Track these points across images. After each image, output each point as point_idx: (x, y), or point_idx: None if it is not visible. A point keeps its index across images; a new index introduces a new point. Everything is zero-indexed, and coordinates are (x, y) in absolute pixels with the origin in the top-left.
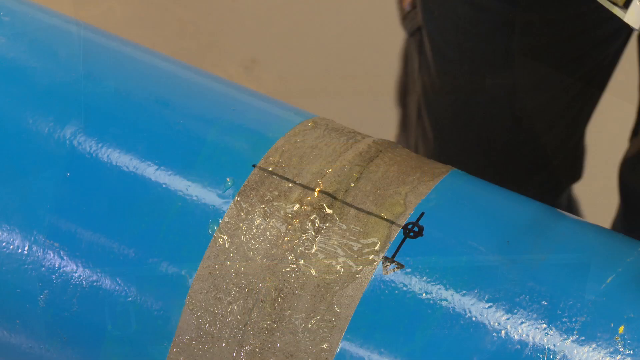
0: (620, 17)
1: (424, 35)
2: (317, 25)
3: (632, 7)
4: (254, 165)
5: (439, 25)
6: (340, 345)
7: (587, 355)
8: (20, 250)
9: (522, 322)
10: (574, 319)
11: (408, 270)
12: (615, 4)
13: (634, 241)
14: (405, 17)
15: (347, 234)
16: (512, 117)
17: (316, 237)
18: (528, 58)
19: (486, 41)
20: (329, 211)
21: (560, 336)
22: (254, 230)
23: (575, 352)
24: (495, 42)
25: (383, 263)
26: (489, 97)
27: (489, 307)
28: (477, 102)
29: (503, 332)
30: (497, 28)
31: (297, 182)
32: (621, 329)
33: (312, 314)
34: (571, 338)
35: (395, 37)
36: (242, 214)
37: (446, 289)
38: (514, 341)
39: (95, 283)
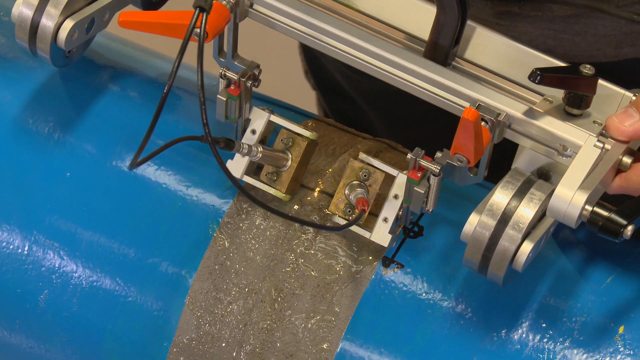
0: (366, 236)
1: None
2: None
3: (377, 227)
4: None
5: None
6: (340, 345)
7: (586, 355)
8: (20, 250)
9: (522, 322)
10: (574, 319)
11: (408, 270)
12: (355, 223)
13: (633, 241)
14: (306, 72)
15: (347, 234)
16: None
17: (316, 237)
18: None
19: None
20: (329, 211)
21: (560, 336)
22: (254, 230)
23: (575, 352)
24: None
25: (383, 263)
26: None
27: (489, 307)
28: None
29: (503, 332)
30: None
31: None
32: (621, 329)
33: (312, 314)
34: (571, 338)
35: None
36: (242, 214)
37: (446, 289)
38: (514, 341)
39: (95, 283)
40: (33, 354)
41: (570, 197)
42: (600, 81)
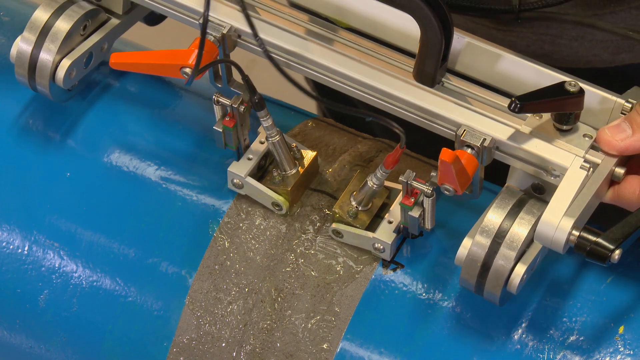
0: (367, 236)
1: None
2: None
3: (382, 226)
4: None
5: None
6: (340, 345)
7: (587, 355)
8: (20, 250)
9: (522, 322)
10: (573, 319)
11: (408, 270)
12: (351, 224)
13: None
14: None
15: None
16: None
17: (316, 237)
18: None
19: None
20: (329, 211)
21: (560, 336)
22: (254, 230)
23: (575, 352)
24: None
25: (383, 263)
26: None
27: (489, 307)
28: None
29: (503, 332)
30: None
31: None
32: (621, 329)
33: (312, 314)
34: (571, 338)
35: None
36: (242, 214)
37: (446, 289)
38: (514, 341)
39: (95, 283)
40: (33, 354)
41: (557, 224)
42: (592, 88)
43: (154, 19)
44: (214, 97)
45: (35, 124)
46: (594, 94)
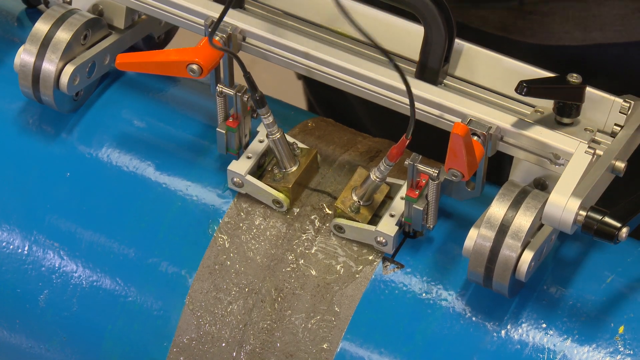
0: (369, 229)
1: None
2: None
3: (384, 219)
4: None
5: None
6: (340, 345)
7: (587, 355)
8: (20, 250)
9: (522, 322)
10: (574, 319)
11: (408, 270)
12: (353, 219)
13: (634, 241)
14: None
15: None
16: None
17: (316, 237)
18: None
19: None
20: (329, 211)
21: (560, 336)
22: (254, 230)
23: (575, 352)
24: None
25: (383, 263)
26: None
27: (489, 307)
28: None
29: (503, 332)
30: None
31: None
32: (621, 329)
33: (312, 314)
34: (571, 338)
35: None
36: (242, 214)
37: (446, 289)
38: (514, 341)
39: (95, 283)
40: (33, 354)
41: (564, 204)
42: (590, 89)
43: (154, 44)
44: (217, 88)
45: (35, 123)
46: (592, 94)
